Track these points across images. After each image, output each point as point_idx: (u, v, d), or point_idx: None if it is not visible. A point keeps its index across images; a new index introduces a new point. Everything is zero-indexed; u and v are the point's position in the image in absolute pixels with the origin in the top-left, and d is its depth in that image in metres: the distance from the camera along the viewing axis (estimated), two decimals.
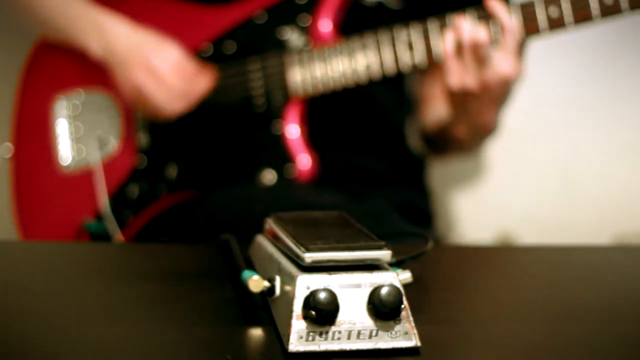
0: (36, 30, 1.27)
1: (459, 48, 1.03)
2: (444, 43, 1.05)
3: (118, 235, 1.17)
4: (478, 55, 1.02)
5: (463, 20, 1.04)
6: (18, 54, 1.29)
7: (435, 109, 1.24)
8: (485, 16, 1.05)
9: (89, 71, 1.22)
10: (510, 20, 1.04)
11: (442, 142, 1.28)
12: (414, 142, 1.32)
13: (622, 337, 0.62)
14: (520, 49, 1.08)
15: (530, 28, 1.04)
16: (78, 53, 1.21)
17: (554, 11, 1.03)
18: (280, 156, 1.15)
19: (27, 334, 0.56)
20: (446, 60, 1.05)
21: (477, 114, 1.11)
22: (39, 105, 1.24)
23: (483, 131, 1.17)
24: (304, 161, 1.15)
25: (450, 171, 1.48)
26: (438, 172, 1.41)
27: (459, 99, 1.09)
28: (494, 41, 1.04)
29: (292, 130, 1.15)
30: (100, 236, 1.17)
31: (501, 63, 1.03)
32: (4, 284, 0.69)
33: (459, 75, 1.04)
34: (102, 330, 0.57)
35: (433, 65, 1.10)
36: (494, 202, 1.46)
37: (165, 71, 1.12)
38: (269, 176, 1.14)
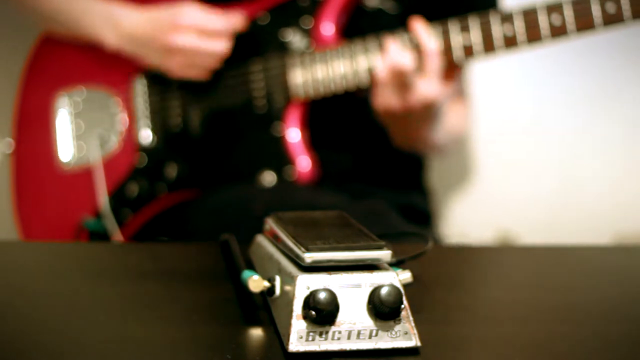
0: (41, 28, 1.27)
1: (386, 72, 1.06)
2: (375, 67, 1.08)
3: (117, 234, 1.17)
4: (402, 81, 1.04)
5: (391, 44, 1.06)
6: (20, 50, 1.29)
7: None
8: (414, 40, 1.07)
9: (91, 68, 1.22)
10: (431, 44, 1.05)
11: None
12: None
13: (621, 337, 0.62)
14: (454, 72, 1.11)
15: (533, 35, 1.04)
16: (80, 50, 1.21)
17: (556, 19, 1.03)
18: (280, 158, 1.15)
19: (25, 333, 0.56)
20: (374, 83, 1.08)
21: (407, 132, 1.14)
22: (40, 102, 1.24)
23: (420, 146, 1.20)
24: (303, 163, 1.15)
25: (450, 171, 1.48)
26: (438, 172, 1.41)
27: (386, 119, 1.12)
28: (418, 67, 1.05)
29: (293, 133, 1.15)
30: (99, 234, 1.17)
31: (423, 87, 1.05)
32: (4, 284, 0.69)
33: (384, 98, 1.07)
34: (102, 329, 0.57)
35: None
36: (493, 202, 1.46)
37: (196, 19, 1.12)
38: (268, 178, 1.14)
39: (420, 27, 1.07)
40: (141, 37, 1.14)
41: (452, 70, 1.10)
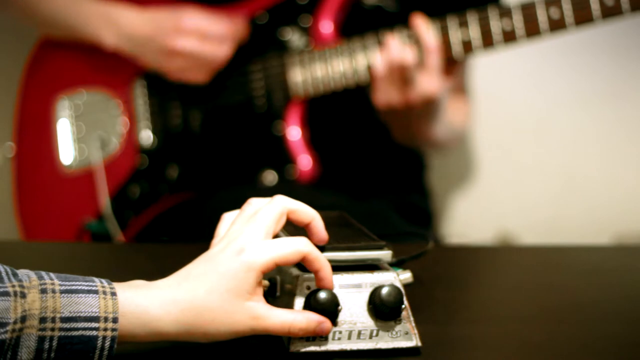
0: (39, 31, 1.27)
1: (386, 67, 1.05)
2: (374, 62, 1.08)
3: (119, 236, 1.17)
4: (403, 76, 1.04)
5: (391, 40, 1.06)
6: (20, 53, 1.29)
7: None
8: (414, 36, 1.07)
9: (91, 71, 1.22)
10: (432, 40, 1.05)
11: None
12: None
13: (621, 336, 0.62)
14: (453, 67, 1.11)
15: (531, 29, 1.04)
16: (80, 53, 1.21)
17: (554, 12, 1.03)
18: (281, 157, 1.15)
19: None
20: (374, 79, 1.08)
21: (408, 127, 1.14)
22: (41, 105, 1.24)
23: (421, 141, 1.20)
24: (304, 162, 1.15)
25: (450, 171, 1.48)
26: (438, 172, 1.41)
27: (387, 115, 1.12)
28: (419, 62, 1.05)
29: (293, 131, 1.16)
30: (102, 236, 1.17)
31: (424, 83, 1.05)
32: None
33: (384, 93, 1.07)
34: None
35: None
36: (493, 202, 1.46)
37: (199, 24, 1.12)
38: (269, 177, 1.15)
39: (420, 23, 1.07)
40: (140, 37, 1.14)
41: (451, 65, 1.10)
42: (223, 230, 0.62)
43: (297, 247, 0.55)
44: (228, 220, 0.63)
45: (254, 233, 0.55)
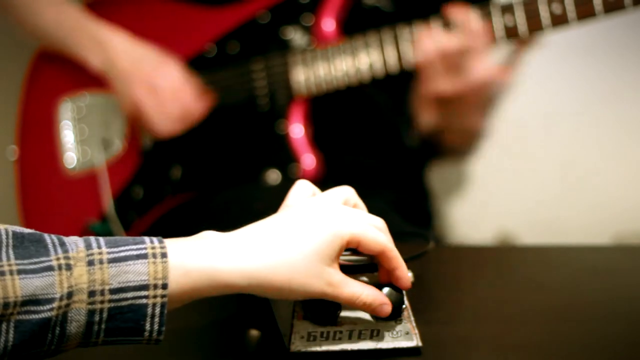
0: (34, 43, 1.27)
1: (430, 56, 1.05)
2: (414, 52, 1.07)
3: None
4: (449, 63, 1.03)
5: (435, 29, 1.05)
6: (23, 56, 1.29)
7: (423, 117, 1.25)
8: (451, 23, 1.06)
9: (93, 74, 1.22)
10: (477, 24, 1.04)
11: (437, 148, 1.30)
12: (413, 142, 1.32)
13: (621, 336, 0.62)
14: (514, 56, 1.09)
15: (533, 25, 1.04)
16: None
17: (557, 7, 1.03)
18: (285, 156, 1.15)
19: None
20: (423, 69, 1.07)
21: (459, 120, 1.12)
22: (43, 108, 1.24)
23: (470, 136, 1.18)
24: (308, 161, 1.15)
25: (450, 172, 1.48)
26: (438, 172, 1.41)
27: (436, 107, 1.10)
28: (465, 48, 1.04)
29: (296, 130, 1.16)
30: None
31: (475, 69, 1.04)
32: None
33: (432, 83, 1.06)
34: None
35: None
36: (493, 202, 1.46)
37: (165, 94, 1.13)
38: (273, 176, 1.15)
39: (460, 10, 1.06)
40: (119, 69, 1.14)
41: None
42: (298, 196, 0.62)
43: (382, 238, 0.56)
44: (305, 187, 0.63)
45: (346, 209, 0.57)
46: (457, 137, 1.18)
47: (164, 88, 1.13)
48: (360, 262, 0.59)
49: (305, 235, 0.53)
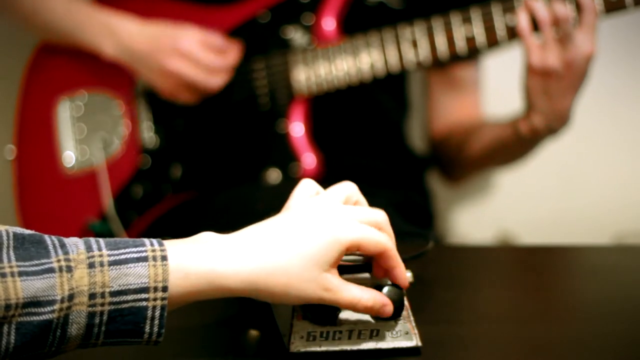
0: (39, 37, 1.27)
1: (538, 26, 1.01)
2: (519, 22, 1.02)
3: (123, 236, 1.17)
4: (559, 33, 1.00)
5: None
6: (21, 54, 1.29)
7: (485, 133, 1.21)
8: None
9: (92, 72, 1.22)
10: None
11: (445, 158, 1.29)
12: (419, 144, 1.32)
13: (621, 336, 0.62)
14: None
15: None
16: (81, 55, 1.21)
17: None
18: (285, 155, 1.15)
19: None
20: (524, 40, 1.02)
21: (558, 99, 1.05)
22: (42, 107, 1.24)
23: (558, 121, 1.10)
24: (308, 160, 1.15)
25: None
26: (438, 172, 1.41)
27: (540, 82, 1.04)
28: (573, 18, 1.00)
29: (297, 129, 1.16)
30: (105, 237, 1.17)
31: (583, 41, 1.00)
32: None
33: (540, 55, 1.02)
34: None
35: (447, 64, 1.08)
36: (494, 202, 1.46)
37: (196, 50, 1.12)
38: (273, 175, 1.15)
39: None
40: (138, 51, 1.14)
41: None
42: (300, 196, 0.62)
43: (382, 239, 0.56)
44: (309, 186, 0.63)
45: (347, 211, 0.56)
46: (541, 123, 1.11)
47: (191, 46, 1.11)
48: (357, 262, 0.59)
49: (304, 241, 0.53)
